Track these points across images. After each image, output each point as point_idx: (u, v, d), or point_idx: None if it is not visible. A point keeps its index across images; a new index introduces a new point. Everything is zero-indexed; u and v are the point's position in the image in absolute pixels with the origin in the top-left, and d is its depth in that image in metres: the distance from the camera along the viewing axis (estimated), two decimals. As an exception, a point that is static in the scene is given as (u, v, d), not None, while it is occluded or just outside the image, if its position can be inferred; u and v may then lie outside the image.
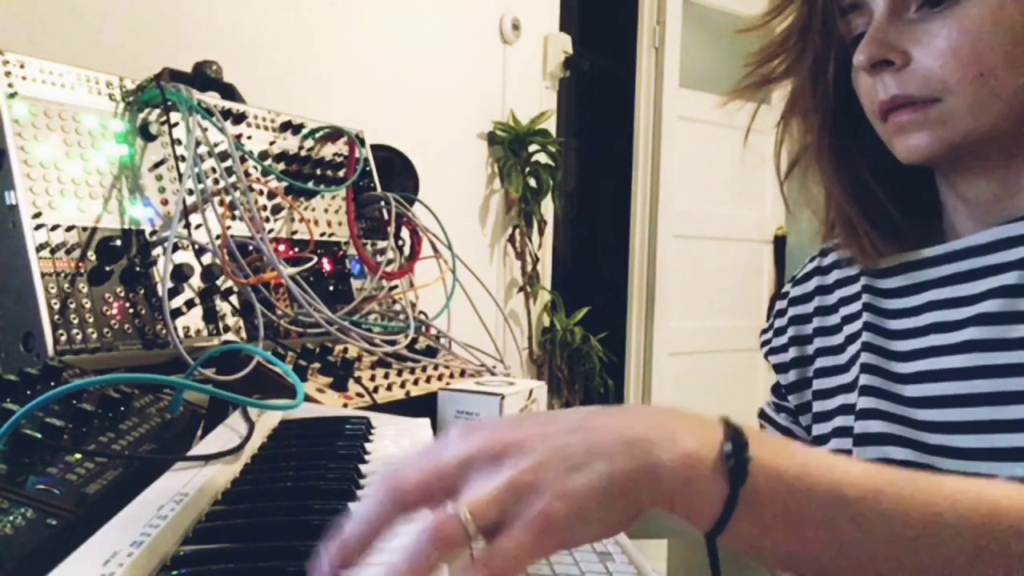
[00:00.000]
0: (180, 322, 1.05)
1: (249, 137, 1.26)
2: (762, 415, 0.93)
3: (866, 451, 0.72)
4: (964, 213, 0.73)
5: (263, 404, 0.81)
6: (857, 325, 0.78)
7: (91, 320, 0.96)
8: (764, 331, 0.92)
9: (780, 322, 0.88)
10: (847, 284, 0.82)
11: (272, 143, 1.30)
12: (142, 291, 1.02)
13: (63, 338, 0.92)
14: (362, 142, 1.45)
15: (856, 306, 0.79)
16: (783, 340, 0.87)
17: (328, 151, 1.39)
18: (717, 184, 3.31)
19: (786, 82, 0.77)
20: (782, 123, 0.79)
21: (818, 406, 0.82)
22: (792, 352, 0.86)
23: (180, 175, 1.11)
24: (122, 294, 1.00)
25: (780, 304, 0.90)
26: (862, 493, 0.45)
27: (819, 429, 0.81)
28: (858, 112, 0.73)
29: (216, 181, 1.15)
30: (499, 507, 0.40)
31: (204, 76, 1.34)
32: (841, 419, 0.77)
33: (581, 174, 3.45)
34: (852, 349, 0.78)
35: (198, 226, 1.10)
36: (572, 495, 0.40)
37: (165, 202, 1.09)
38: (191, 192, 1.10)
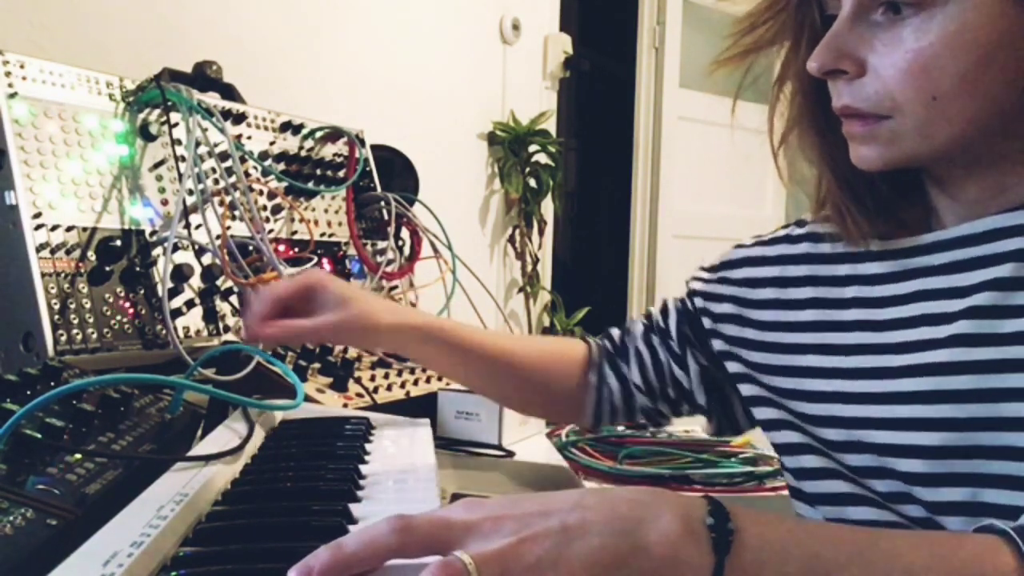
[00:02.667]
0: (180, 322, 1.05)
1: (249, 137, 1.26)
2: (647, 316, 0.91)
3: (863, 458, 0.68)
4: (954, 210, 0.70)
5: (263, 404, 0.81)
6: (839, 314, 0.74)
7: (91, 320, 0.96)
8: (701, 268, 0.87)
9: (729, 273, 0.84)
10: (822, 262, 0.77)
11: (272, 143, 1.30)
12: (142, 291, 1.02)
13: (63, 338, 0.92)
14: (362, 142, 1.45)
15: (848, 291, 0.74)
16: (723, 290, 0.83)
17: (328, 151, 1.39)
18: (717, 184, 3.31)
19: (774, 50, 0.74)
20: (776, 87, 0.76)
21: (762, 381, 0.78)
22: (728, 307, 0.82)
23: (180, 175, 1.11)
24: (122, 294, 1.00)
25: (736, 253, 0.85)
26: (841, 559, 0.47)
27: (763, 413, 0.77)
28: None
29: (216, 181, 1.15)
30: (499, 567, 0.43)
31: (204, 76, 1.34)
32: (796, 404, 0.74)
33: (581, 174, 3.45)
34: (808, 338, 0.74)
35: (198, 226, 1.10)
36: (565, 567, 0.43)
37: (165, 202, 1.10)
38: (191, 192, 1.10)
